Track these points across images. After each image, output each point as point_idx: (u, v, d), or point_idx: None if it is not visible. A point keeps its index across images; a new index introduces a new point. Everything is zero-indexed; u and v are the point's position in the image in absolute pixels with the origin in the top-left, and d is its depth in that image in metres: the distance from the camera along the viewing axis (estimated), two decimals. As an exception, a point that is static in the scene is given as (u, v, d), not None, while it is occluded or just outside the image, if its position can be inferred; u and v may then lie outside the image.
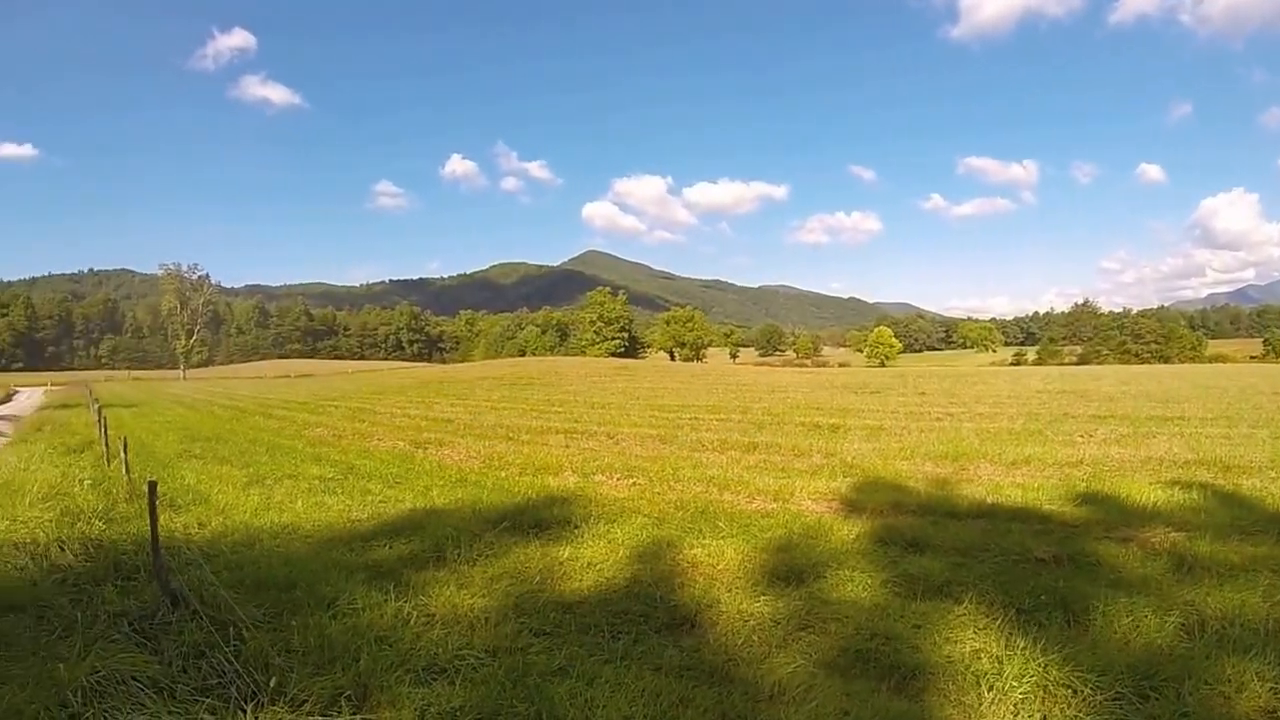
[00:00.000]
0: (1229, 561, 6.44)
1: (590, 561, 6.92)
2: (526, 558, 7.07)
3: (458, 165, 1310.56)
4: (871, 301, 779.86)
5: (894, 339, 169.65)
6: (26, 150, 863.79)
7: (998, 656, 4.52)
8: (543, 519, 8.60)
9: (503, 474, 12.76)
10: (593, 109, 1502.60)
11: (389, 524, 8.74)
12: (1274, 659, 4.38)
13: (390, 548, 7.66)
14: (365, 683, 4.27)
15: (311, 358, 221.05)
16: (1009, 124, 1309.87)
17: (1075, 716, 3.98)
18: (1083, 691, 4.11)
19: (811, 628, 5.24)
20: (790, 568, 6.50)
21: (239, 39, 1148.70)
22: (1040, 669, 4.31)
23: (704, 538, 7.58)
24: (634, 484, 11.38)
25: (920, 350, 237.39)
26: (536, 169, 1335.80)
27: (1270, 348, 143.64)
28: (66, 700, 4.00)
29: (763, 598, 5.83)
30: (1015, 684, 4.19)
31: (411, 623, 5.27)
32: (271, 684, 4.17)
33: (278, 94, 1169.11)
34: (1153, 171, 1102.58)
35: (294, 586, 6.05)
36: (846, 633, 5.07)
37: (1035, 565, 6.59)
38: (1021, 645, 4.63)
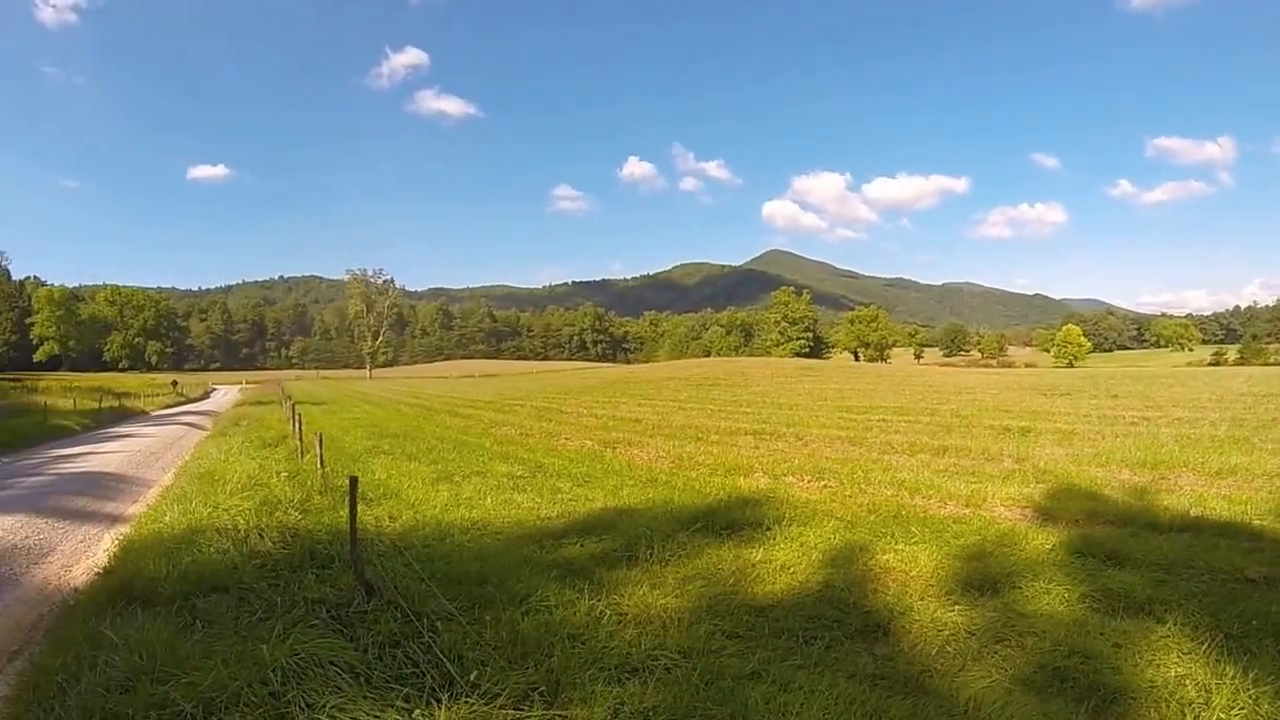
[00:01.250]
0: None
1: (783, 564, 6.66)
2: (719, 559, 6.87)
3: (635, 167, 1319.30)
4: (1058, 298, 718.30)
5: (1083, 338, 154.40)
6: (219, 170, 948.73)
7: (1205, 684, 4.16)
8: (734, 520, 8.26)
9: (693, 474, 12.41)
10: (766, 107, 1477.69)
11: (579, 522, 8.59)
12: None
13: (581, 546, 7.50)
14: (557, 679, 4.20)
15: (495, 358, 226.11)
16: (1199, 98, 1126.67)
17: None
18: (1299, 729, 3.74)
19: (1007, 641, 4.99)
20: (984, 577, 6.19)
21: (412, 56, 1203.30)
22: (1251, 701, 3.94)
23: (896, 543, 7.28)
24: (824, 486, 11.18)
25: (1110, 350, 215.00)
26: (714, 169, 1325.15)
27: None
28: (267, 679, 4.09)
29: (956, 607, 5.60)
30: (1224, 715, 3.86)
31: (604, 621, 5.14)
32: (471, 678, 4.17)
33: (453, 106, 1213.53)
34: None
35: (485, 581, 5.99)
36: (1043, 648, 4.80)
37: (1245, 586, 5.93)
38: (1230, 674, 4.22)
